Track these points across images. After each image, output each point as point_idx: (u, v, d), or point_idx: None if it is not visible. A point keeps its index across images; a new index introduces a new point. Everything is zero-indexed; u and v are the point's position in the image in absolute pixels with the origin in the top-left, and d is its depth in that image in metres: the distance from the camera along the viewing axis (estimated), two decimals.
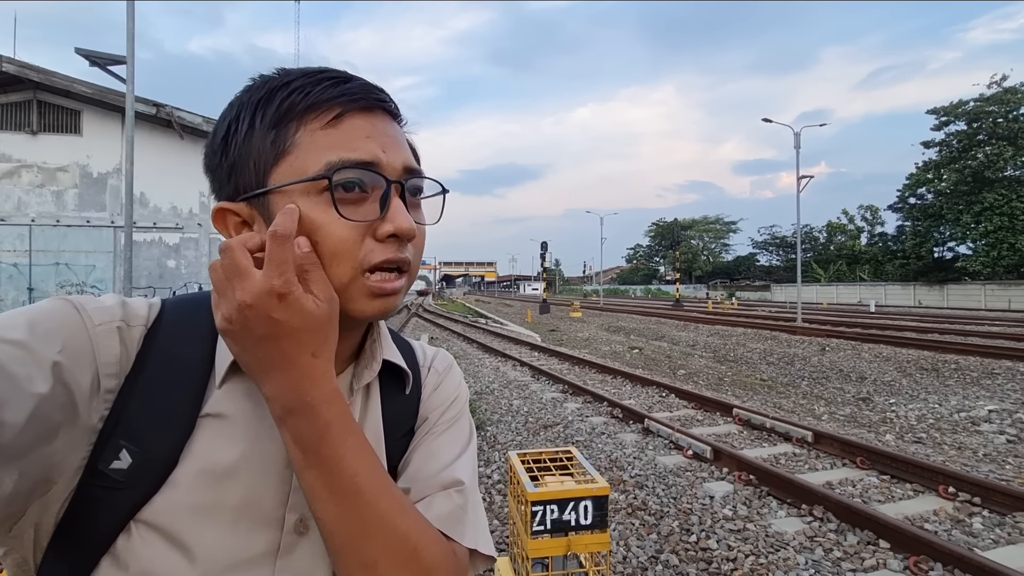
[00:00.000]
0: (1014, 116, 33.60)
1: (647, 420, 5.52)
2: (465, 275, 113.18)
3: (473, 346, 13.65)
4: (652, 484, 4.07)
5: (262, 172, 0.46)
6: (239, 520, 0.45)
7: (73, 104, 11.28)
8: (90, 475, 0.42)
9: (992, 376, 8.40)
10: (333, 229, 0.44)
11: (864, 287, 41.22)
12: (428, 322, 22.41)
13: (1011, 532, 3.24)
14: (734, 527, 3.34)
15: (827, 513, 3.37)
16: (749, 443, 5.14)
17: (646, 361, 10.91)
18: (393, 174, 0.47)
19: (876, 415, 6.66)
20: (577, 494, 2.18)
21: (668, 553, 3.06)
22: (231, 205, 0.48)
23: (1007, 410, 6.45)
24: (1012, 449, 5.26)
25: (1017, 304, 29.72)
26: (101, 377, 0.43)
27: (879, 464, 4.27)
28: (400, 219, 0.46)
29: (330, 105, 0.46)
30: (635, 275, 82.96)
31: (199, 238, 11.77)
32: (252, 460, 0.46)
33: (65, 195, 11.25)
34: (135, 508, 0.43)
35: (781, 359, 10.83)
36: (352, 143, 0.46)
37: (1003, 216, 33.13)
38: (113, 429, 0.43)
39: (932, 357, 10.12)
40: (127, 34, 6.55)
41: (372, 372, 0.55)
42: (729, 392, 7.88)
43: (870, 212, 53.52)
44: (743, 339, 13.93)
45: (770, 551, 3.04)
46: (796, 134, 18.28)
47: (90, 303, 0.45)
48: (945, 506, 3.60)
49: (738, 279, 63.46)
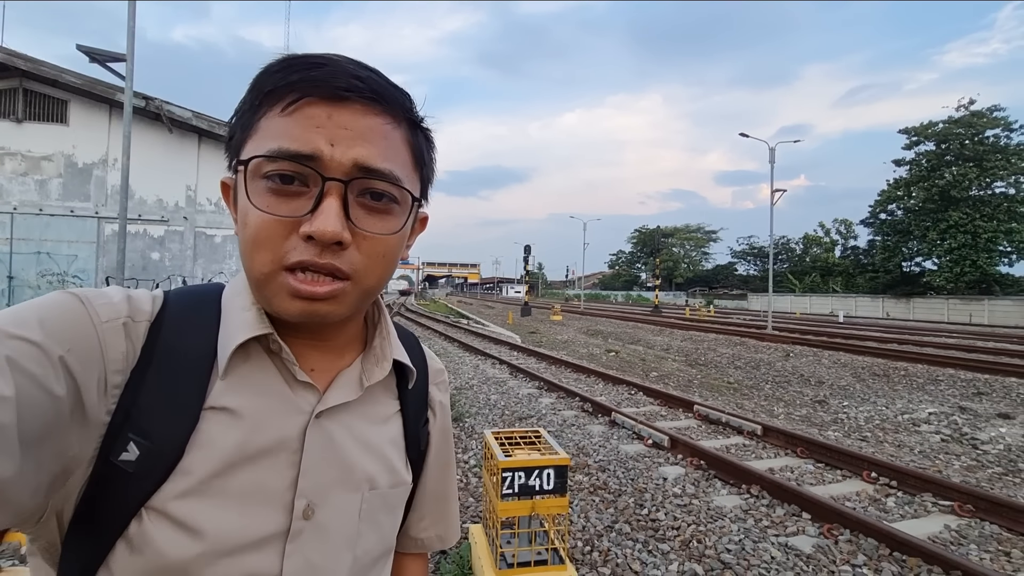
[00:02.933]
0: (979, 139, 35.17)
1: (614, 413, 5.95)
2: (448, 276, 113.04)
3: (454, 345, 13.93)
4: (614, 468, 4.49)
5: (236, 152, 0.48)
6: (248, 504, 0.47)
7: (60, 94, 11.14)
8: (102, 466, 0.44)
9: (936, 382, 9.04)
10: (252, 217, 0.45)
11: (836, 298, 42.47)
12: (410, 321, 22.59)
13: (917, 509, 3.75)
14: (681, 503, 3.77)
15: (762, 492, 3.84)
16: (706, 435, 5.60)
17: (621, 363, 11.32)
18: (338, 171, 0.45)
19: (829, 416, 7.18)
20: (541, 463, 2.56)
21: (622, 523, 3.47)
22: (227, 179, 0.52)
23: (944, 413, 7.03)
24: (944, 447, 5.79)
25: (977, 318, 31.11)
26: (108, 373, 0.44)
27: (816, 453, 4.77)
28: (321, 221, 0.43)
29: (287, 91, 0.45)
30: (617, 281, 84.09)
31: (184, 231, 11.74)
32: (259, 449, 0.48)
33: (49, 184, 11.08)
34: (146, 496, 0.44)
35: (748, 363, 11.35)
36: (296, 132, 0.44)
37: (967, 234, 34.61)
38: (121, 423, 0.44)
39: (885, 364, 10.79)
40: (127, 33, 6.77)
41: (383, 371, 0.56)
42: (697, 393, 8.30)
43: (844, 226, 55.23)
44: (714, 344, 14.49)
45: (709, 521, 3.48)
46: (771, 149, 19.04)
47: (97, 299, 0.46)
48: (867, 488, 4.09)
49: (717, 287, 64.82)
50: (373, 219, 0.47)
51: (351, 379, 0.55)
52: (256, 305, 0.50)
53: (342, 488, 0.52)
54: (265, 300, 0.48)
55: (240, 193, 0.47)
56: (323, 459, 0.51)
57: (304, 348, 0.53)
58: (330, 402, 0.52)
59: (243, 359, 0.49)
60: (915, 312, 35.73)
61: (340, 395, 0.53)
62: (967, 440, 5.92)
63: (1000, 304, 31.29)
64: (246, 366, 0.49)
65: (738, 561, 2.98)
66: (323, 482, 0.50)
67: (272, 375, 0.51)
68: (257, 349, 0.50)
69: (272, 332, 0.49)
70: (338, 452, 0.52)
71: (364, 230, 0.46)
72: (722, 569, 2.90)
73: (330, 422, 0.52)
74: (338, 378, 0.54)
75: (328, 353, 0.55)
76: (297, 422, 0.50)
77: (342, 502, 0.52)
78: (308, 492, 0.49)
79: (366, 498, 0.54)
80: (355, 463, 0.53)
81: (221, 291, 0.54)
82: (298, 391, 0.51)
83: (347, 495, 0.52)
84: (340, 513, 0.51)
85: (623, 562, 2.97)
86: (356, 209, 0.46)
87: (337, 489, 0.51)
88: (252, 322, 0.49)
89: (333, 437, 0.52)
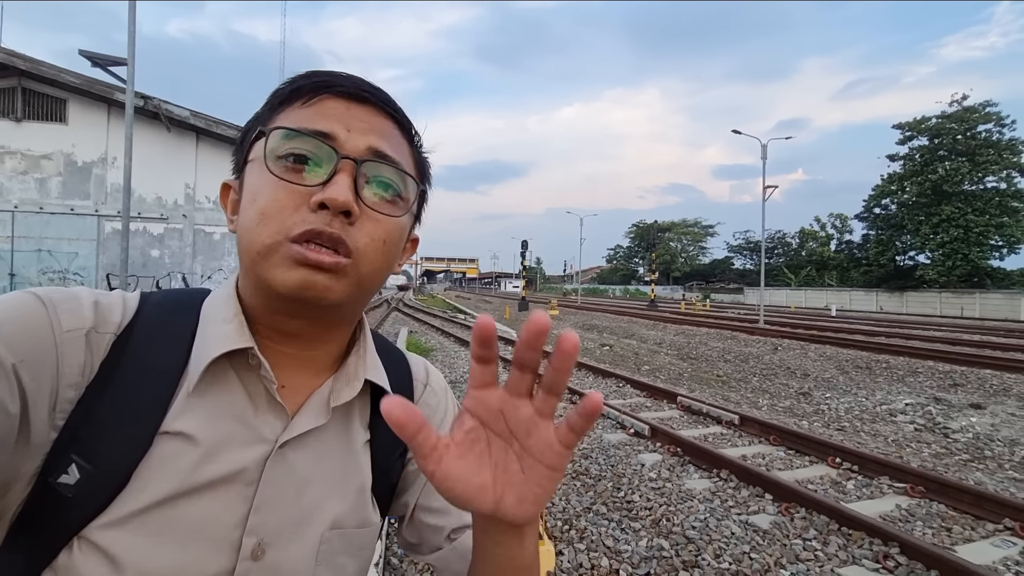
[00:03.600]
0: (972, 134, 35.47)
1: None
2: (447, 271, 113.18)
3: (450, 339, 14.15)
4: (595, 455, 4.76)
5: (248, 147, 0.49)
6: (191, 541, 0.43)
7: (59, 93, 11.19)
8: (41, 487, 0.41)
9: (915, 374, 9.34)
10: (267, 189, 0.45)
11: (831, 292, 42.86)
12: (408, 316, 22.82)
13: (874, 491, 4.03)
14: (655, 486, 4.05)
15: (731, 475, 4.13)
16: (686, 425, 5.88)
17: (614, 357, 11.54)
18: (352, 152, 0.46)
19: (811, 407, 7.44)
20: None
21: (599, 505, 3.74)
22: (229, 180, 0.52)
23: (920, 403, 7.30)
24: (917, 436, 6.07)
25: (969, 311, 31.50)
26: (60, 387, 0.42)
27: (788, 441, 5.05)
28: (333, 190, 0.44)
29: (309, 88, 0.48)
30: (615, 275, 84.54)
31: (183, 228, 11.83)
32: (210, 478, 0.44)
33: (49, 183, 11.15)
34: (81, 524, 0.41)
35: (737, 357, 11.61)
36: (315, 118, 0.46)
37: (959, 228, 35.00)
38: (67, 442, 0.42)
39: (868, 357, 11.09)
40: (128, 36, 6.95)
41: (352, 391, 0.53)
42: (685, 386, 8.52)
43: (839, 220, 55.63)
44: (706, 338, 14.77)
45: (679, 502, 3.76)
46: (763, 145, 19.26)
47: (63, 303, 0.44)
48: (830, 472, 4.38)
49: (714, 281, 65.21)
50: (380, 203, 0.48)
51: (320, 401, 0.52)
52: (239, 316, 0.49)
53: (298, 527, 0.48)
54: (260, 277, 0.46)
55: (252, 171, 0.48)
56: (280, 494, 0.48)
57: (283, 359, 0.51)
58: (296, 430, 0.49)
59: (210, 376, 0.47)
60: (908, 306, 36.10)
61: (308, 421, 0.50)
62: (939, 429, 6.19)
63: (991, 297, 31.70)
64: (210, 385, 0.47)
65: (701, 536, 3.25)
66: (276, 519, 0.47)
67: (237, 396, 0.48)
68: (224, 366, 0.48)
69: (253, 347, 0.47)
70: (298, 486, 0.49)
71: (371, 208, 0.47)
72: (686, 543, 3.17)
73: (295, 452, 0.49)
74: (308, 401, 0.51)
75: (305, 370, 0.52)
76: (257, 451, 0.47)
77: (297, 542, 0.48)
78: (259, 529, 0.46)
79: (325, 538, 0.50)
80: (316, 499, 0.50)
81: (203, 299, 0.52)
82: (262, 416, 0.48)
83: (305, 535, 0.49)
84: (294, 555, 0.48)
85: (597, 539, 3.24)
86: (365, 191, 0.47)
87: (292, 528, 0.48)
88: (231, 335, 0.47)
89: (295, 469, 0.49)
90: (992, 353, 11.39)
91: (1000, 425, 6.18)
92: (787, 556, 3.04)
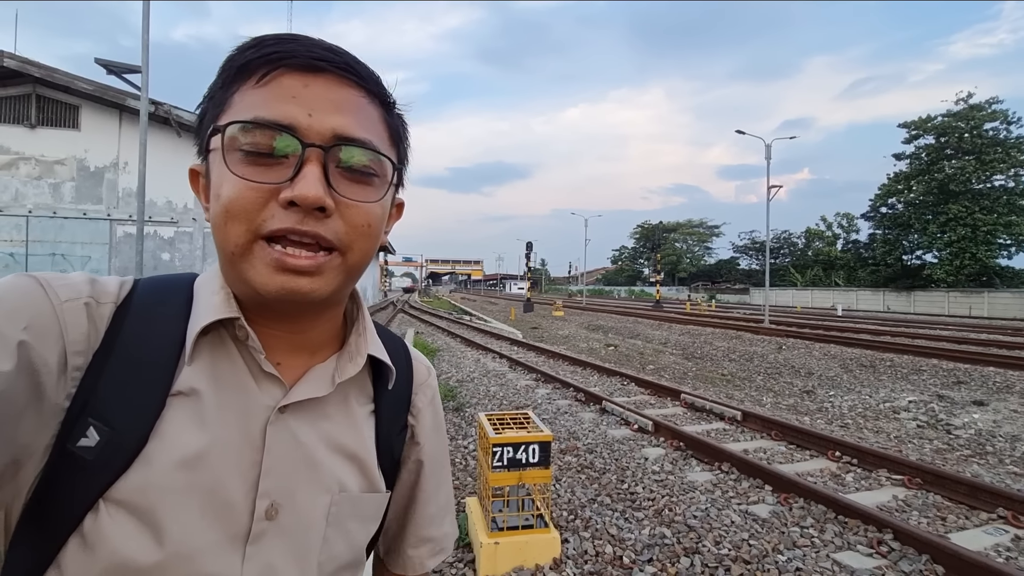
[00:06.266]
0: (979, 132, 35.22)
1: (604, 402, 6.33)
2: (452, 273, 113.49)
3: (456, 340, 14.27)
4: (600, 450, 4.87)
5: (206, 133, 0.46)
6: (209, 502, 0.44)
7: (72, 99, 11.39)
8: (59, 454, 0.42)
9: (919, 372, 9.37)
10: (228, 186, 0.43)
11: (838, 292, 42.65)
12: (414, 318, 22.98)
13: (872, 483, 4.12)
14: (658, 479, 4.15)
15: (732, 468, 4.23)
16: (689, 421, 5.98)
17: (619, 357, 11.60)
18: (317, 139, 0.44)
19: (815, 405, 7.49)
20: (528, 439, 2.94)
21: (604, 496, 3.84)
22: (196, 165, 0.50)
23: (923, 401, 7.34)
24: (919, 432, 6.12)
25: (977, 311, 31.30)
26: (68, 355, 0.42)
27: (789, 436, 5.14)
28: (303, 186, 0.42)
29: (260, 63, 0.44)
30: (620, 276, 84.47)
31: (193, 232, 12.02)
32: (222, 443, 0.46)
33: (62, 187, 11.36)
34: (104, 486, 0.41)
35: (742, 356, 11.65)
36: (272, 103, 0.43)
37: (966, 227, 34.74)
38: (81, 407, 0.42)
39: (872, 355, 11.12)
40: (142, 44, 7.15)
41: (356, 366, 0.54)
42: (689, 385, 8.58)
43: (846, 219, 55.34)
44: (711, 338, 14.81)
45: (681, 493, 3.86)
46: (767, 145, 19.30)
47: (56, 280, 0.44)
48: (830, 466, 4.47)
49: (719, 282, 65.06)
50: (354, 188, 0.46)
51: (323, 375, 0.52)
52: (225, 289, 0.49)
53: (309, 488, 0.50)
54: (240, 277, 0.45)
55: (214, 163, 0.45)
56: (288, 457, 0.49)
57: (274, 340, 0.51)
58: (295, 397, 0.50)
59: (209, 347, 0.48)
60: (916, 305, 35.87)
61: (308, 390, 0.51)
62: (942, 426, 6.23)
63: (1000, 296, 31.47)
64: (211, 355, 0.48)
65: (702, 525, 3.35)
66: (288, 481, 0.48)
67: (238, 366, 0.49)
68: (224, 337, 0.49)
69: (239, 317, 0.47)
70: (304, 451, 0.50)
71: (346, 197, 0.45)
72: (687, 531, 3.28)
73: (295, 419, 0.50)
74: (308, 374, 0.52)
75: (300, 349, 0.53)
76: (260, 417, 0.48)
77: (309, 503, 0.50)
78: (272, 492, 0.47)
79: (335, 500, 0.51)
80: (322, 463, 0.51)
81: (195, 279, 0.53)
82: (263, 384, 0.49)
83: (314, 496, 0.50)
84: (306, 515, 0.49)
85: (602, 528, 3.35)
86: (337, 178, 0.45)
87: (304, 489, 0.49)
88: (218, 305, 0.47)
89: (297, 435, 0.50)
90: (997, 351, 11.40)
91: (1002, 421, 6.23)
92: (784, 543, 3.14)
